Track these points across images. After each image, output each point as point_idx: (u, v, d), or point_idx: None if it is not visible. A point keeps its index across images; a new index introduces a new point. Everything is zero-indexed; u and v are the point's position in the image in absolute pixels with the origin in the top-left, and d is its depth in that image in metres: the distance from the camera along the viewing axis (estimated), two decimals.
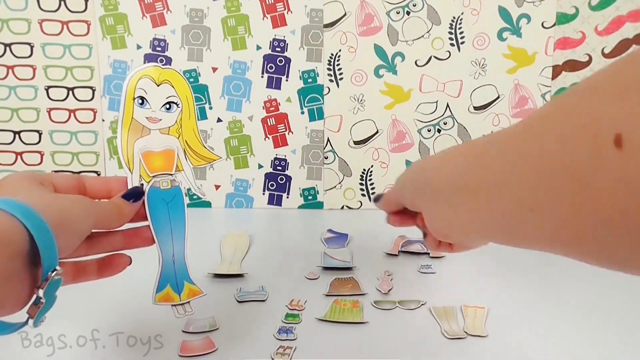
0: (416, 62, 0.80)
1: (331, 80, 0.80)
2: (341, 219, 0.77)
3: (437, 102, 0.81)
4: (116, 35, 0.79)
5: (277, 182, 0.83)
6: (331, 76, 0.80)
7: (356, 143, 0.82)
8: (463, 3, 0.78)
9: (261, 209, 0.83)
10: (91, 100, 0.80)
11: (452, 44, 0.79)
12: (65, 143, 0.81)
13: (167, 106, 0.40)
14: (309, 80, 0.80)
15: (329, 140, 0.82)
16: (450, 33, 0.79)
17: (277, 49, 0.79)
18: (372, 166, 0.82)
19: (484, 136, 0.31)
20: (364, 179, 0.82)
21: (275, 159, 0.82)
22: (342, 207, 0.83)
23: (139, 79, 0.39)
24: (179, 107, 0.41)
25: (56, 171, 0.82)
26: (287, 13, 0.79)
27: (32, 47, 0.78)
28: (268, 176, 0.83)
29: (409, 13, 0.78)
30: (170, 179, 0.41)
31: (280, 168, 0.82)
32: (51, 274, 0.29)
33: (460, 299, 0.50)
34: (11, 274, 0.27)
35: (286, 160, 0.82)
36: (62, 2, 0.78)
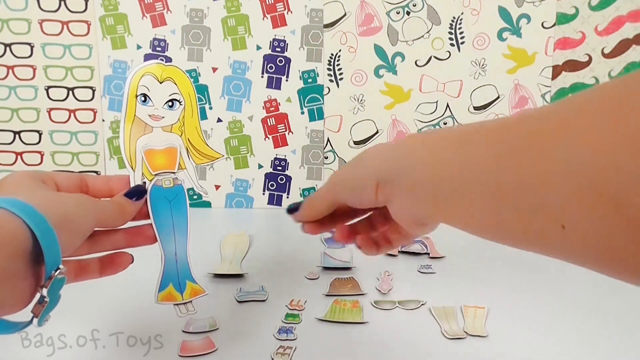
0: (416, 62, 0.80)
1: (331, 81, 0.80)
2: None
3: (437, 102, 0.81)
4: (116, 35, 0.79)
5: (277, 182, 0.83)
6: (331, 76, 0.80)
7: (356, 143, 0.82)
8: (463, 3, 0.78)
9: (261, 209, 0.83)
10: (91, 100, 0.80)
11: (452, 44, 0.79)
12: (66, 143, 0.81)
13: (170, 104, 0.40)
14: (309, 81, 0.80)
15: (329, 140, 0.82)
16: (450, 33, 0.79)
17: (277, 49, 0.79)
18: None
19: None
20: None
21: (275, 159, 0.82)
22: None
23: (142, 77, 0.39)
24: (181, 104, 0.40)
25: (56, 171, 0.82)
26: (287, 13, 0.79)
27: (32, 47, 0.78)
28: (268, 176, 0.83)
29: (409, 13, 0.78)
30: (172, 177, 0.40)
31: (280, 168, 0.82)
32: (55, 272, 0.29)
33: (460, 299, 0.50)
34: (14, 273, 0.27)
35: (286, 160, 0.82)
36: (62, 2, 0.78)
